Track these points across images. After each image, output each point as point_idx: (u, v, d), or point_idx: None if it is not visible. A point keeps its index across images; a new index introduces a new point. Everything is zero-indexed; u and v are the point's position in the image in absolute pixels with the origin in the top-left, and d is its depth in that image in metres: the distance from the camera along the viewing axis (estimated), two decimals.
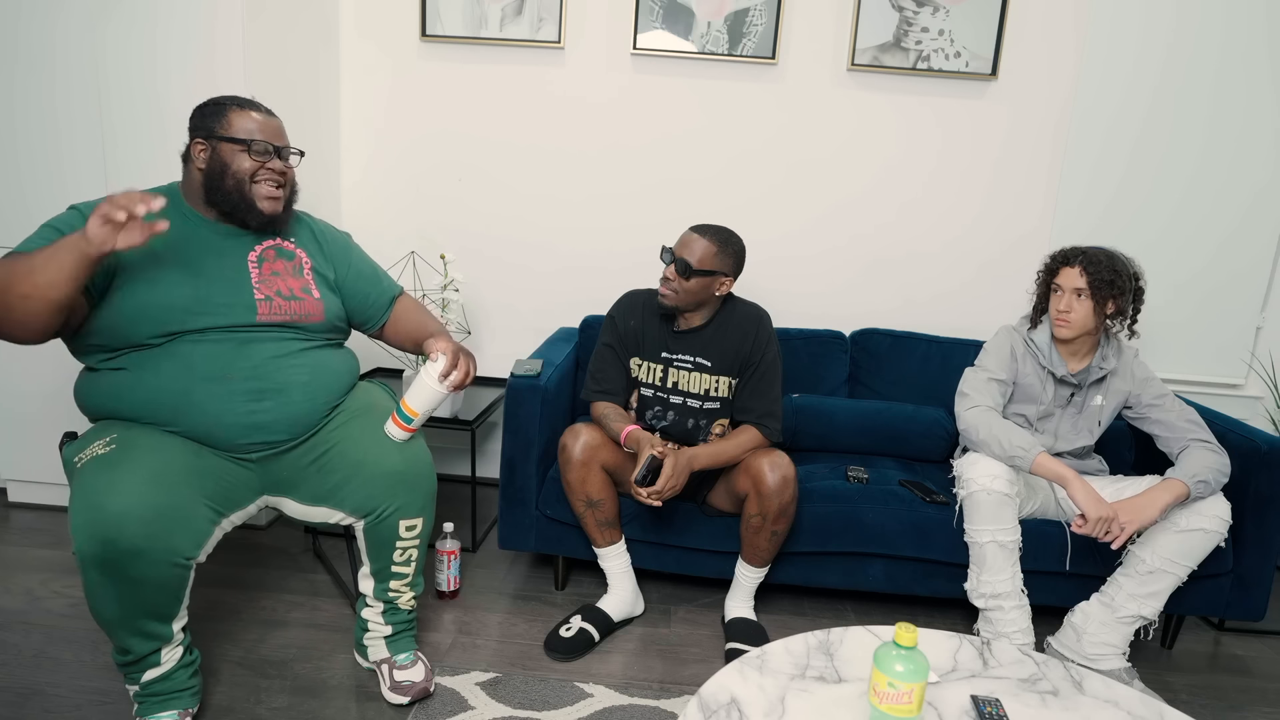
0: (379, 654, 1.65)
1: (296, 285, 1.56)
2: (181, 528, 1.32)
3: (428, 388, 1.50)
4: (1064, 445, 1.93)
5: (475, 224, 2.66)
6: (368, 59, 2.57)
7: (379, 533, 1.55)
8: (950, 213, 2.56)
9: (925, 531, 1.93)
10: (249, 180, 1.47)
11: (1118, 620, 1.79)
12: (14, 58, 2.09)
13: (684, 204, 2.59)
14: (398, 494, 1.53)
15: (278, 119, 1.54)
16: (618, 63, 2.52)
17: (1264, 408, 2.59)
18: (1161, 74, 2.41)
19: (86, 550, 1.25)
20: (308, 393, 1.52)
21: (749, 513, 1.81)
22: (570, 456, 1.83)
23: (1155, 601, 1.77)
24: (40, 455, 2.31)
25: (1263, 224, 2.48)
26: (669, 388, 1.92)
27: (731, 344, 1.89)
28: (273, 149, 1.50)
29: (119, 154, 2.12)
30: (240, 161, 1.47)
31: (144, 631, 1.36)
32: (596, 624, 1.87)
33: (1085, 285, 1.81)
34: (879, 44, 2.43)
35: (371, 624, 1.65)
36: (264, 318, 1.49)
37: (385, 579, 1.60)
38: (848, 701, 1.18)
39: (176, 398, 1.40)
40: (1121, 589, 1.79)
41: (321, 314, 1.58)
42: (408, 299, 1.80)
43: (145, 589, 1.30)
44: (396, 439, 1.55)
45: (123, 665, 1.39)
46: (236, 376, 1.44)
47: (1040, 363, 1.92)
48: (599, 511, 1.87)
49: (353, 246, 1.76)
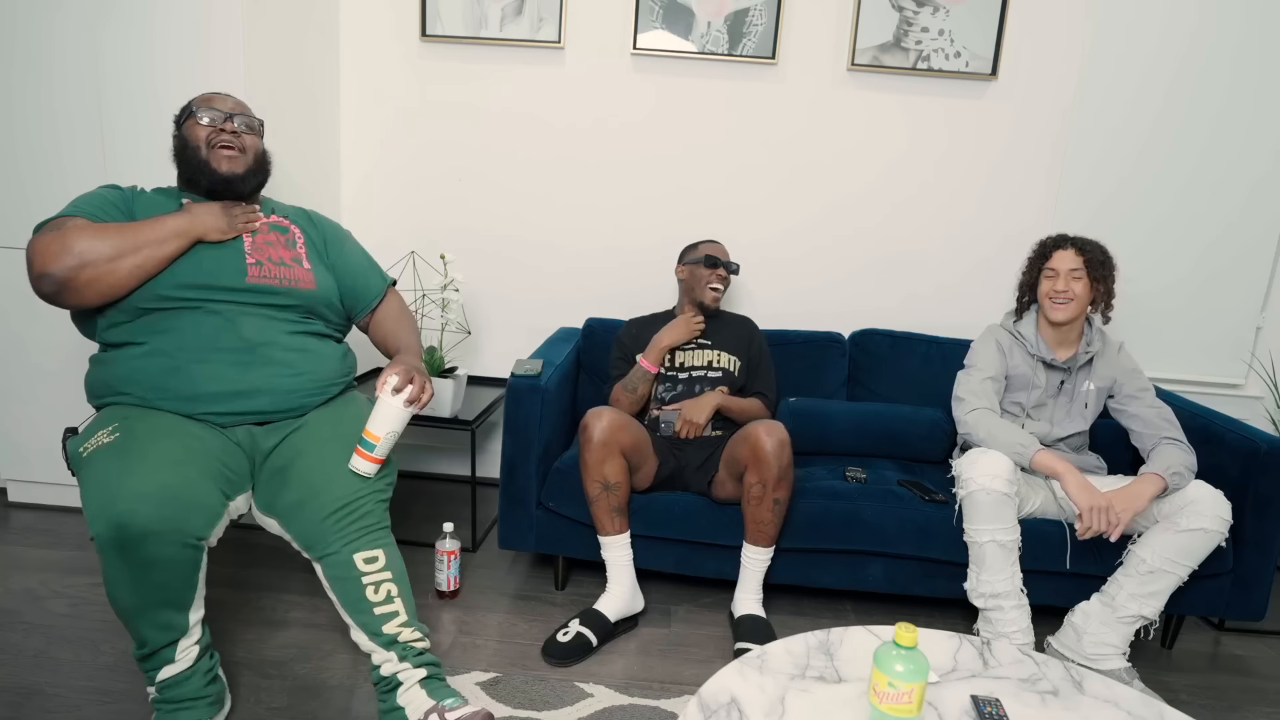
0: (420, 707, 1.43)
1: (288, 255, 1.65)
2: (193, 507, 1.33)
3: (385, 406, 1.47)
4: (1059, 432, 1.97)
5: (475, 224, 2.66)
6: (368, 59, 2.57)
7: (336, 568, 1.46)
8: (951, 212, 2.56)
9: (925, 530, 1.93)
10: (205, 145, 1.59)
11: (1118, 620, 1.79)
12: (13, 58, 2.09)
13: (684, 204, 2.59)
14: (345, 526, 1.46)
15: (235, 98, 1.67)
16: (618, 63, 2.52)
17: (1264, 408, 2.59)
18: (1161, 73, 2.41)
19: (104, 534, 1.27)
20: (296, 369, 1.56)
21: (749, 483, 1.84)
22: (591, 436, 1.85)
23: (1156, 601, 1.77)
24: (40, 455, 2.31)
25: (1262, 224, 2.48)
26: (676, 367, 2.14)
27: (729, 331, 2.21)
28: (223, 115, 1.61)
29: (119, 154, 2.12)
30: (195, 132, 1.60)
31: (159, 621, 1.36)
32: (594, 628, 1.86)
33: (1081, 265, 1.91)
34: (879, 44, 2.43)
35: (399, 674, 1.45)
36: (254, 280, 1.56)
37: (375, 627, 1.45)
38: (848, 701, 1.18)
39: (166, 367, 1.45)
40: (1122, 589, 1.79)
41: (312, 282, 1.64)
42: (396, 301, 1.85)
43: (159, 571, 1.31)
44: (363, 472, 1.48)
45: (140, 659, 1.39)
46: (225, 346, 1.49)
47: (1029, 351, 1.98)
48: (613, 496, 1.88)
49: (347, 237, 1.84)
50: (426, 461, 2.83)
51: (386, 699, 1.46)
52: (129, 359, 1.47)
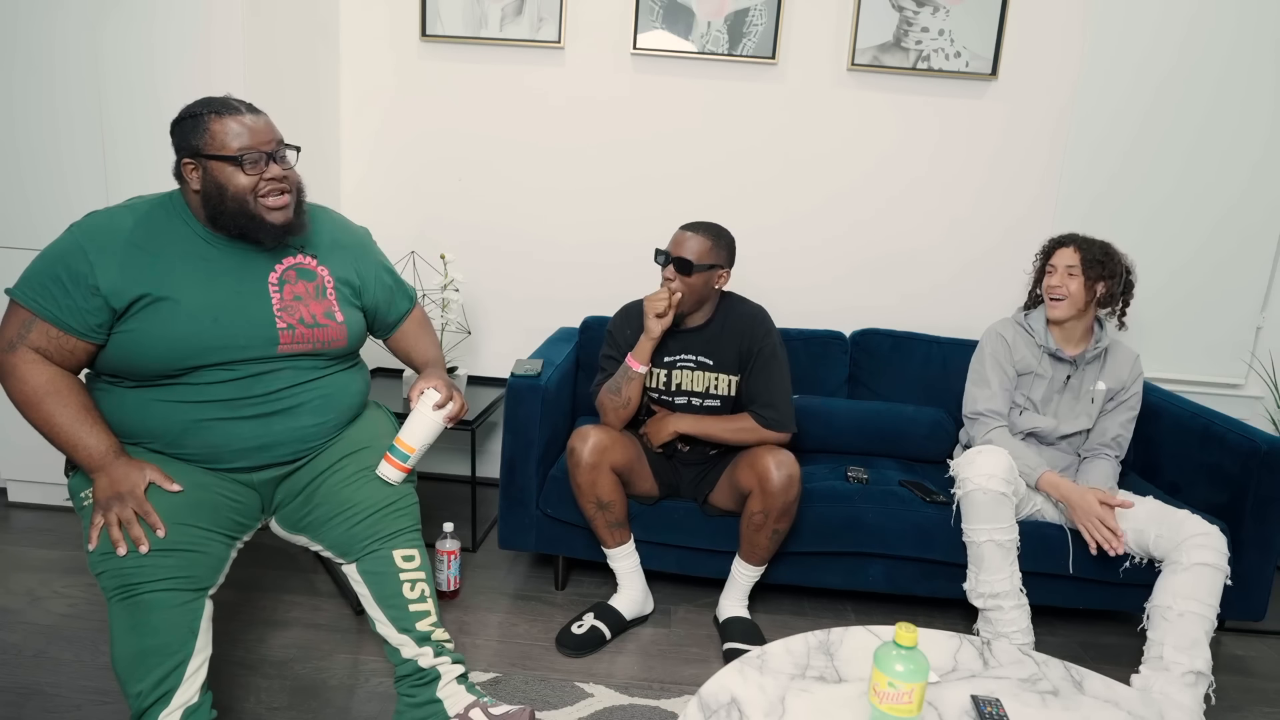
0: (461, 701, 1.43)
1: (319, 310, 1.48)
2: (199, 562, 1.32)
3: (424, 419, 1.48)
4: (1065, 428, 1.99)
5: (475, 224, 2.65)
6: (368, 59, 2.57)
7: (374, 564, 1.45)
8: (951, 212, 2.56)
9: (925, 532, 1.93)
10: (252, 196, 1.34)
11: (1179, 682, 1.63)
12: (13, 58, 2.09)
13: (684, 206, 2.59)
14: (385, 525, 1.46)
15: (263, 115, 1.38)
16: (618, 63, 2.52)
17: (1264, 408, 2.59)
18: (1162, 73, 2.41)
19: (109, 586, 1.26)
20: (318, 414, 1.49)
21: (751, 510, 1.81)
22: (580, 459, 1.81)
23: (1200, 652, 1.64)
24: (40, 455, 2.30)
25: (1263, 224, 2.48)
26: (673, 390, 1.93)
27: (733, 341, 1.90)
28: (265, 156, 1.34)
29: (119, 154, 2.12)
30: (236, 179, 1.32)
31: (151, 675, 1.24)
32: (609, 622, 1.87)
33: (1077, 263, 1.94)
34: (879, 44, 2.43)
35: (439, 667, 1.43)
36: (285, 348, 1.42)
37: (409, 623, 1.43)
38: (848, 701, 1.18)
39: (185, 422, 1.37)
40: (1164, 645, 1.66)
41: (345, 339, 1.51)
42: (417, 315, 1.75)
43: (155, 616, 1.25)
44: (392, 480, 1.48)
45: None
46: (250, 403, 1.41)
47: (1037, 342, 2.01)
48: (609, 513, 1.86)
49: (371, 248, 1.67)
50: (426, 461, 2.82)
51: (418, 692, 1.43)
52: (144, 404, 1.37)
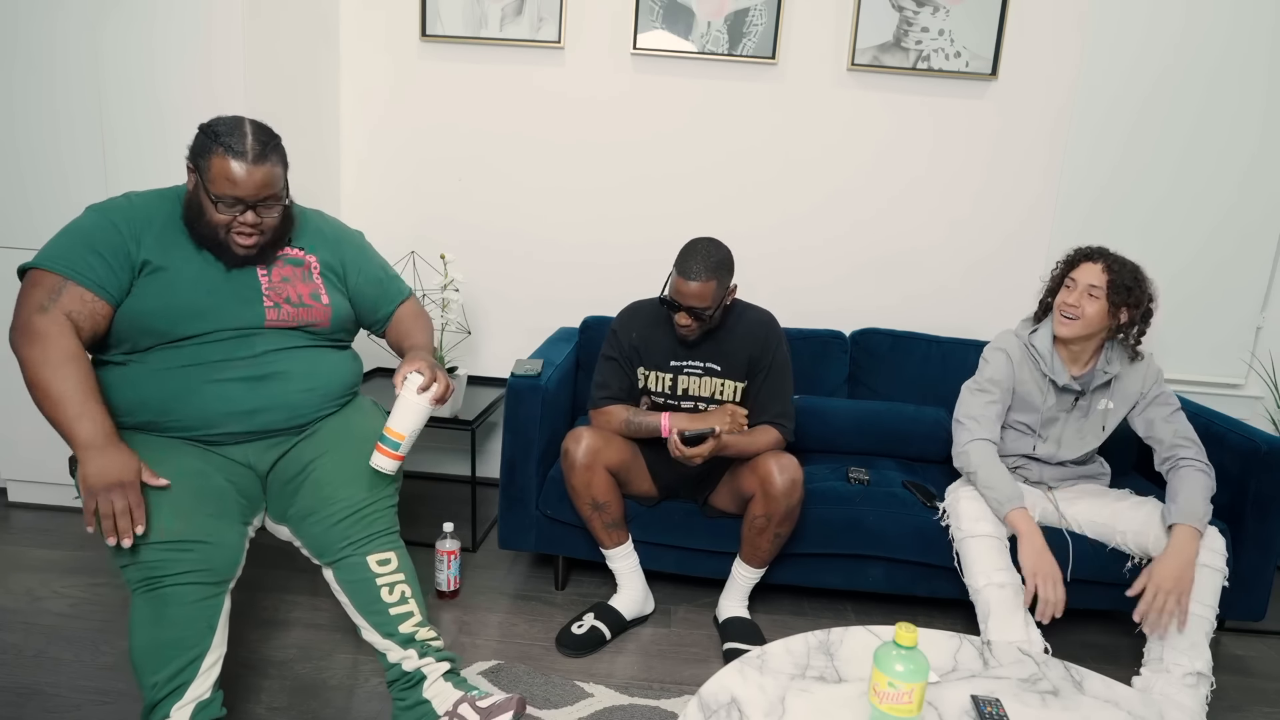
0: (448, 699, 1.45)
1: (306, 291, 1.56)
2: (217, 554, 1.35)
3: (409, 404, 1.46)
4: (1066, 454, 1.90)
5: (475, 224, 2.65)
6: (368, 59, 2.57)
7: (350, 571, 1.47)
8: (951, 212, 2.56)
9: (926, 536, 1.93)
10: (223, 229, 1.44)
11: (1181, 683, 1.63)
12: (13, 58, 2.09)
13: (684, 206, 2.59)
14: (359, 529, 1.48)
15: (263, 167, 1.41)
16: (618, 63, 2.52)
17: (1264, 408, 2.59)
18: (1163, 74, 2.41)
19: (134, 579, 1.30)
20: (306, 382, 1.53)
21: (754, 513, 1.81)
22: (574, 461, 1.81)
23: (1200, 653, 1.63)
24: (40, 455, 2.31)
25: (1263, 224, 2.48)
26: (679, 394, 1.92)
27: (741, 348, 1.89)
28: (245, 206, 1.42)
29: (119, 154, 2.12)
30: (212, 213, 1.43)
31: (168, 667, 1.29)
32: (609, 622, 1.88)
33: (1103, 285, 1.76)
34: (879, 44, 2.43)
35: (423, 668, 1.45)
36: (272, 324, 1.51)
37: (391, 627, 1.46)
38: (848, 701, 1.18)
39: (177, 388, 1.42)
40: (1164, 647, 1.66)
41: (328, 320, 1.59)
42: (410, 306, 1.78)
43: (175, 609, 1.30)
44: (386, 470, 1.47)
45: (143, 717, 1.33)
46: (237, 365, 1.46)
47: (1041, 369, 1.87)
48: (605, 514, 1.87)
49: (365, 247, 1.74)
50: (426, 461, 2.83)
51: (408, 695, 1.45)
52: (134, 379, 1.43)
